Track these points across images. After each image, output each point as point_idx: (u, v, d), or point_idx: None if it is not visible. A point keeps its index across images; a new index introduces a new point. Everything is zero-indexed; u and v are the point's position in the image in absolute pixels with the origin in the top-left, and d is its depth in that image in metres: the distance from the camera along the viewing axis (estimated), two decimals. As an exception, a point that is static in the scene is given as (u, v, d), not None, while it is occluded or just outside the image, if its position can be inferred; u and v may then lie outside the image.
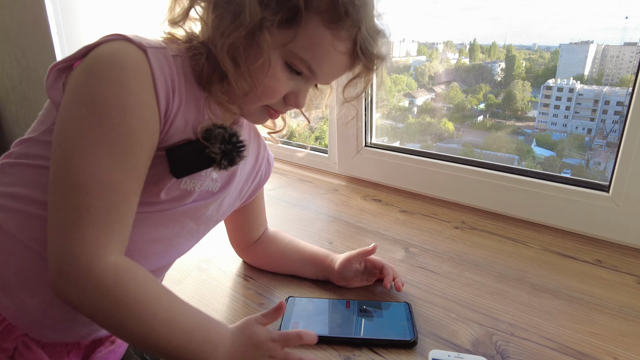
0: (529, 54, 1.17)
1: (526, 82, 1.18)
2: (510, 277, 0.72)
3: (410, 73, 1.41)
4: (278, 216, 0.96)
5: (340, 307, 0.62)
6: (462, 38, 1.20)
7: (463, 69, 1.27)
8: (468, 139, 1.29)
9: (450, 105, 1.34)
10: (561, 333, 0.59)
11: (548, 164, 1.16)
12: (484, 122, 1.28)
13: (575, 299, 0.67)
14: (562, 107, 1.15)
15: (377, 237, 0.86)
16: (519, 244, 0.83)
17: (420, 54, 1.35)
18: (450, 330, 0.59)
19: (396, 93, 1.39)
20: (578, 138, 1.16)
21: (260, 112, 0.54)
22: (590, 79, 1.12)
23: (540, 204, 0.87)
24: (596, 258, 0.78)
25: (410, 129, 1.40)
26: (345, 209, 1.00)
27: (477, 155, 1.25)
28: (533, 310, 0.64)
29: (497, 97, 1.23)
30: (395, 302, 0.64)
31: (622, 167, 0.76)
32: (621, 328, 0.60)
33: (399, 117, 1.41)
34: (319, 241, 0.84)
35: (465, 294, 0.68)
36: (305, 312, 0.61)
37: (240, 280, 0.72)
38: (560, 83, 1.15)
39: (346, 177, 1.19)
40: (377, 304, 0.63)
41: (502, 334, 0.59)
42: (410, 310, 0.62)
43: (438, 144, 1.34)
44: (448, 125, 1.33)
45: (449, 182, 0.99)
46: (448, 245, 0.83)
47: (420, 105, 1.42)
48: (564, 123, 1.16)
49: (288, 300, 0.64)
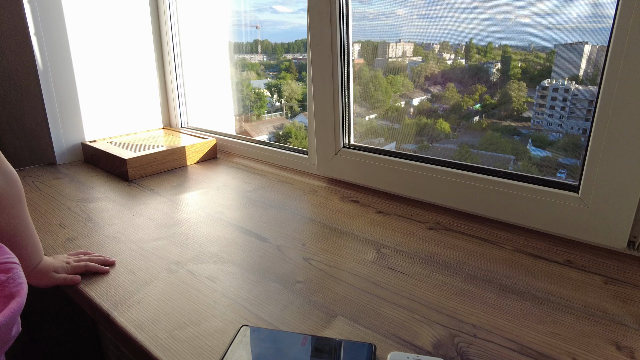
0: (525, 54, 1.18)
1: (522, 82, 1.18)
2: (480, 279, 0.72)
3: (406, 74, 1.41)
4: (254, 218, 0.95)
5: (295, 343, 0.56)
6: (458, 39, 1.20)
7: (459, 69, 1.27)
8: (464, 140, 1.29)
9: (446, 105, 1.34)
10: (523, 334, 0.59)
11: (544, 164, 1.16)
12: (480, 122, 1.28)
13: (542, 300, 0.67)
14: (557, 107, 1.15)
15: (350, 238, 0.86)
16: (492, 245, 0.83)
17: (417, 55, 1.36)
18: (412, 332, 0.59)
19: (392, 94, 1.39)
20: (574, 138, 1.16)
21: None
22: (585, 79, 1.12)
23: (513, 205, 0.87)
24: (567, 259, 0.78)
25: (406, 130, 1.40)
26: (323, 210, 0.99)
27: (473, 156, 1.25)
28: (499, 312, 0.64)
29: (493, 98, 1.24)
30: (360, 341, 0.57)
31: (590, 168, 0.76)
32: (583, 328, 0.60)
33: (395, 117, 1.41)
34: (292, 243, 0.84)
35: (433, 295, 0.68)
36: (255, 344, 0.56)
37: (208, 282, 0.71)
38: (555, 83, 1.16)
39: (325, 178, 1.19)
40: (337, 344, 0.56)
41: (464, 335, 0.59)
42: (373, 354, 0.54)
43: (434, 144, 1.34)
44: (444, 125, 1.33)
45: (426, 183, 0.99)
46: (420, 246, 0.83)
47: (417, 106, 1.42)
48: (559, 123, 1.16)
49: (240, 330, 0.58)
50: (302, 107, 2.27)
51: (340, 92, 1.06)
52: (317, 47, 1.04)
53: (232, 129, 1.76)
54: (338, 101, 1.07)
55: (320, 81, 1.07)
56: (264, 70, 2.26)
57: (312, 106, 1.13)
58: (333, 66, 1.04)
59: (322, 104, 1.09)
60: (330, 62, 1.04)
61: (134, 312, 0.64)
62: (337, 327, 0.60)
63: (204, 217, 0.95)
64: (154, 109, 1.56)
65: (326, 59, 1.04)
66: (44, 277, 0.71)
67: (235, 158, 1.41)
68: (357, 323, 0.61)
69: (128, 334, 0.59)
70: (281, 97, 2.29)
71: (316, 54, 1.05)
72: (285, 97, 2.29)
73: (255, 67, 2.19)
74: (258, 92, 2.27)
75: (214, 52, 1.60)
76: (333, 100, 1.07)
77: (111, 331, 0.63)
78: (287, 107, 2.29)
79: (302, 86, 2.27)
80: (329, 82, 1.06)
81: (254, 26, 1.92)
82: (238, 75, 1.83)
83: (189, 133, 1.49)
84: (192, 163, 1.34)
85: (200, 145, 1.35)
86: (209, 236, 0.87)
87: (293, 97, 2.28)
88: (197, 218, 0.95)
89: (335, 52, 1.02)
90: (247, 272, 0.74)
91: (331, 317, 0.62)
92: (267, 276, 0.73)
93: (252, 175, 1.24)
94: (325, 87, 1.07)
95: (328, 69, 1.04)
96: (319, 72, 1.07)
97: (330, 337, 0.58)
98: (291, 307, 0.65)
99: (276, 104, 2.31)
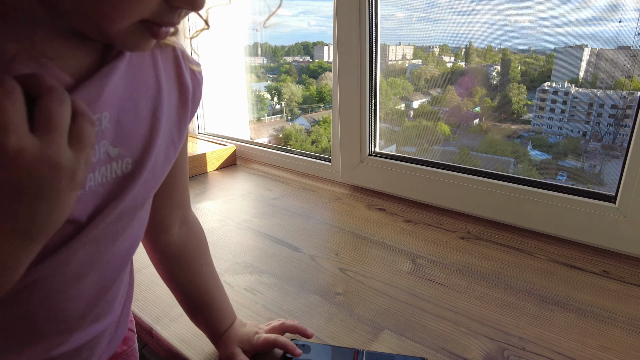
0: (525, 57, 1.18)
1: (522, 85, 1.18)
2: (518, 289, 0.72)
3: (406, 76, 1.41)
4: (282, 226, 0.95)
5: (346, 358, 0.56)
6: (458, 41, 1.20)
7: (459, 72, 1.27)
8: (464, 142, 1.29)
9: (446, 108, 1.34)
10: (573, 348, 0.58)
11: (544, 166, 1.16)
12: (480, 125, 1.28)
13: (584, 311, 0.66)
14: (557, 110, 1.16)
15: (383, 248, 0.85)
16: (525, 255, 0.83)
17: (417, 58, 1.36)
18: (461, 345, 0.59)
19: (392, 96, 1.39)
20: (573, 141, 1.16)
21: (137, 32, 0.33)
22: (585, 82, 1.13)
23: (546, 214, 0.87)
24: (603, 269, 0.78)
25: (406, 133, 1.40)
26: (350, 219, 0.99)
27: (473, 158, 1.26)
28: (543, 324, 0.63)
29: (493, 101, 1.24)
30: (411, 355, 0.57)
31: (628, 178, 0.76)
32: (633, 342, 0.59)
33: (396, 120, 1.41)
34: (326, 252, 0.84)
35: (475, 307, 0.67)
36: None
37: (247, 294, 0.71)
38: (555, 86, 1.16)
39: (349, 185, 1.19)
40: (389, 357, 0.56)
41: (513, 348, 0.58)
42: None
43: (434, 147, 1.34)
44: (444, 128, 1.33)
45: (454, 191, 0.99)
46: (455, 256, 0.83)
47: (417, 109, 1.42)
48: (559, 126, 1.17)
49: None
50: (302, 110, 2.27)
51: (368, 99, 1.06)
52: (345, 52, 1.04)
53: (247, 134, 1.75)
54: (365, 108, 1.06)
55: (347, 87, 1.07)
56: (264, 72, 2.27)
57: (337, 113, 1.12)
58: (361, 71, 1.03)
59: (348, 111, 1.09)
60: (359, 68, 1.03)
61: (176, 326, 0.63)
62: (385, 340, 0.60)
63: (233, 226, 0.95)
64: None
65: (354, 64, 1.03)
66: (227, 348, 0.56)
67: (254, 164, 1.40)
68: (404, 337, 0.60)
69: (174, 348, 0.59)
70: (281, 100, 2.29)
71: (343, 59, 1.05)
72: (285, 100, 2.29)
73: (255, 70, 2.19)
74: (258, 94, 2.27)
75: (229, 55, 1.60)
76: (360, 107, 1.07)
77: (156, 346, 0.62)
78: (287, 110, 2.29)
79: (302, 89, 2.27)
80: (355, 89, 1.05)
81: (254, 29, 1.92)
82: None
83: (207, 139, 1.48)
84: (212, 170, 1.34)
85: (220, 151, 1.34)
86: (241, 246, 0.86)
87: (293, 99, 2.28)
88: (226, 227, 0.95)
89: (364, 57, 1.02)
90: (285, 283, 0.74)
91: (377, 331, 0.62)
92: (305, 288, 0.72)
93: (274, 182, 1.24)
94: (352, 94, 1.06)
95: (355, 74, 1.04)
96: (345, 78, 1.06)
97: (381, 351, 0.57)
98: (335, 320, 0.64)
99: (276, 106, 2.31)
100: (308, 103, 2.27)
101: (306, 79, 2.26)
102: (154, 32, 0.34)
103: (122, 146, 0.38)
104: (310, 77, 2.25)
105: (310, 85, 2.26)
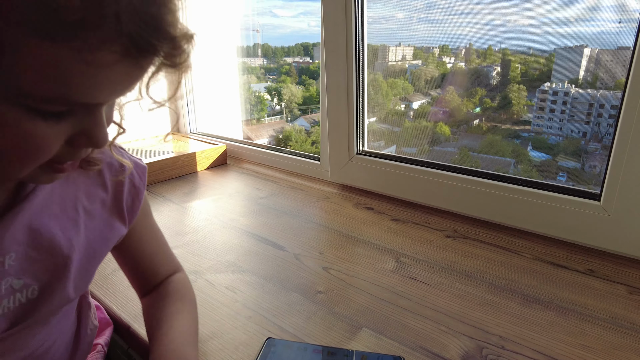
0: (524, 58, 1.17)
1: (522, 86, 1.18)
2: (502, 288, 0.71)
3: (406, 77, 1.41)
4: (268, 225, 0.95)
5: (339, 358, 0.54)
6: (457, 42, 1.20)
7: (459, 72, 1.27)
8: (464, 143, 1.29)
9: (446, 109, 1.34)
10: (552, 346, 0.58)
11: (544, 167, 1.16)
12: (480, 125, 1.28)
13: (567, 310, 0.66)
14: (557, 110, 1.15)
15: (368, 247, 0.85)
16: (511, 254, 0.82)
17: (417, 58, 1.35)
18: (439, 344, 0.58)
19: (392, 97, 1.39)
20: (573, 141, 1.16)
21: (41, 172, 0.35)
22: (585, 82, 1.12)
23: (532, 213, 0.87)
24: (588, 267, 0.77)
25: (406, 133, 1.40)
26: (337, 218, 0.99)
27: (473, 159, 1.25)
28: (524, 323, 0.63)
29: (493, 101, 1.23)
30: (388, 354, 0.56)
31: (612, 176, 0.76)
32: (613, 340, 0.59)
33: (396, 121, 1.41)
34: (310, 251, 0.83)
35: (456, 305, 0.67)
36: (281, 357, 0.54)
37: (228, 292, 0.71)
38: (555, 87, 1.16)
39: (338, 184, 1.19)
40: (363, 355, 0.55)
41: (492, 347, 0.58)
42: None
43: (434, 147, 1.33)
44: (444, 129, 1.33)
45: (442, 190, 0.98)
46: (440, 254, 0.82)
47: (417, 109, 1.41)
48: (559, 127, 1.16)
49: (265, 343, 0.56)
50: (302, 111, 2.26)
51: (355, 97, 1.05)
52: (332, 51, 1.03)
53: (240, 134, 1.75)
54: (352, 107, 1.06)
55: (335, 87, 1.06)
56: (264, 73, 2.26)
57: (325, 112, 1.12)
58: (348, 71, 1.03)
59: (336, 110, 1.08)
60: (345, 67, 1.03)
61: (154, 323, 0.63)
62: (363, 339, 0.59)
63: (218, 225, 0.95)
64: (162, 114, 1.55)
65: (341, 64, 1.03)
66: None
67: (245, 164, 1.40)
68: (383, 335, 0.60)
69: (150, 346, 0.58)
70: (281, 101, 2.29)
71: (330, 59, 1.04)
72: (285, 101, 2.28)
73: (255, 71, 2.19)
74: (258, 95, 2.27)
75: (221, 55, 1.59)
76: (347, 107, 1.06)
77: (133, 344, 0.62)
78: (287, 111, 2.29)
79: (302, 90, 2.27)
80: (343, 88, 1.05)
81: (254, 30, 1.92)
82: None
83: (198, 139, 1.48)
84: (202, 169, 1.33)
85: (210, 151, 1.34)
86: (225, 244, 0.86)
87: (293, 100, 2.28)
88: (212, 226, 0.94)
89: (351, 57, 1.02)
90: (267, 281, 0.73)
91: (356, 329, 0.61)
92: (287, 286, 0.72)
93: (263, 181, 1.23)
94: (340, 93, 1.06)
95: (343, 74, 1.04)
96: (333, 78, 1.06)
97: (358, 349, 0.57)
98: (314, 318, 0.64)
99: (276, 107, 2.31)
100: (308, 104, 2.27)
101: (306, 80, 2.26)
102: (59, 169, 0.36)
103: (27, 276, 0.40)
104: (310, 78, 2.25)
105: (310, 86, 2.26)
